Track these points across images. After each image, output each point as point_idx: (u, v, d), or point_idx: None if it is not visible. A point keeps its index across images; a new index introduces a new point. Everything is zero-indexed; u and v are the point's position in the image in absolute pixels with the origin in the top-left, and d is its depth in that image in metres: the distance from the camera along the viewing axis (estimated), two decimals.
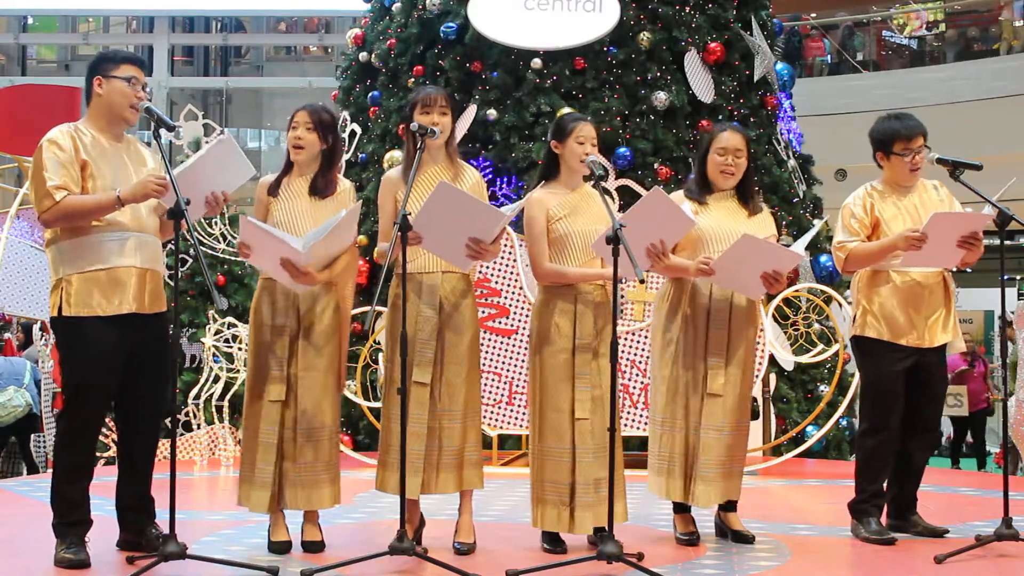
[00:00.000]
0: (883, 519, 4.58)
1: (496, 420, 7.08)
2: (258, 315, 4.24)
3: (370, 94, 8.96)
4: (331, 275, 4.19)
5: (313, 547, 4.17)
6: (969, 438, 13.05)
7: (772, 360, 7.23)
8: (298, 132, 4.26)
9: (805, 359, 7.30)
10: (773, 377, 7.76)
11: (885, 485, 4.62)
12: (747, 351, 4.42)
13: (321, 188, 4.27)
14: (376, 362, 7.42)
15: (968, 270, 4.71)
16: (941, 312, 4.57)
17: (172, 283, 3.90)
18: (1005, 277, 4.52)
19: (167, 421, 4.24)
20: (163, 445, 6.91)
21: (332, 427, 4.26)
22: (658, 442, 4.41)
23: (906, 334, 4.52)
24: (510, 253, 7.12)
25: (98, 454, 7.24)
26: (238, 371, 7.79)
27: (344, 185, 4.37)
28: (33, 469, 8.54)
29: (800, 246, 4.36)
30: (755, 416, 7.33)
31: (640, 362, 6.96)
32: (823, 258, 8.33)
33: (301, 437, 4.17)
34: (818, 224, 4.86)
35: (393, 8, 8.94)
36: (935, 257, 4.43)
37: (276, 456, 4.15)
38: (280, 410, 4.16)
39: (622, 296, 6.91)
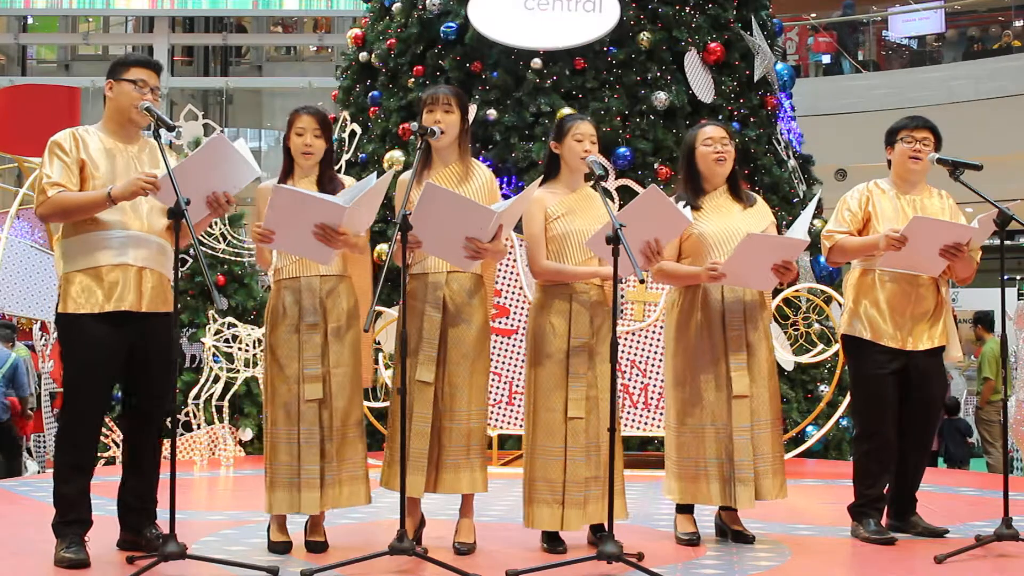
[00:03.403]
0: (883, 520, 4.59)
1: (496, 420, 7.08)
2: (283, 316, 4.18)
3: (370, 94, 8.95)
4: (357, 244, 4.14)
5: (317, 547, 4.17)
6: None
7: None
8: (307, 139, 4.24)
9: (805, 359, 7.30)
10: None
11: (885, 488, 4.62)
12: (767, 346, 4.42)
13: (330, 187, 4.26)
14: (376, 362, 7.42)
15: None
16: (929, 315, 4.57)
17: (172, 283, 3.91)
18: (1005, 277, 4.52)
19: (167, 421, 4.24)
20: (163, 445, 6.92)
21: (361, 423, 4.27)
22: (678, 448, 4.37)
23: (887, 335, 4.52)
24: (510, 253, 7.13)
25: (98, 454, 7.26)
26: (238, 371, 7.78)
27: (348, 182, 4.37)
28: (16, 472, 8.46)
29: (801, 232, 4.35)
30: None
31: (640, 362, 6.96)
32: (823, 258, 8.33)
33: (338, 435, 4.16)
34: (812, 205, 4.86)
35: (393, 8, 8.94)
36: (918, 262, 4.44)
37: (320, 456, 4.13)
38: (318, 409, 4.15)
39: (622, 296, 6.92)
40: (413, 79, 8.56)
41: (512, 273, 7.14)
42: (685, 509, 4.46)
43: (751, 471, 4.28)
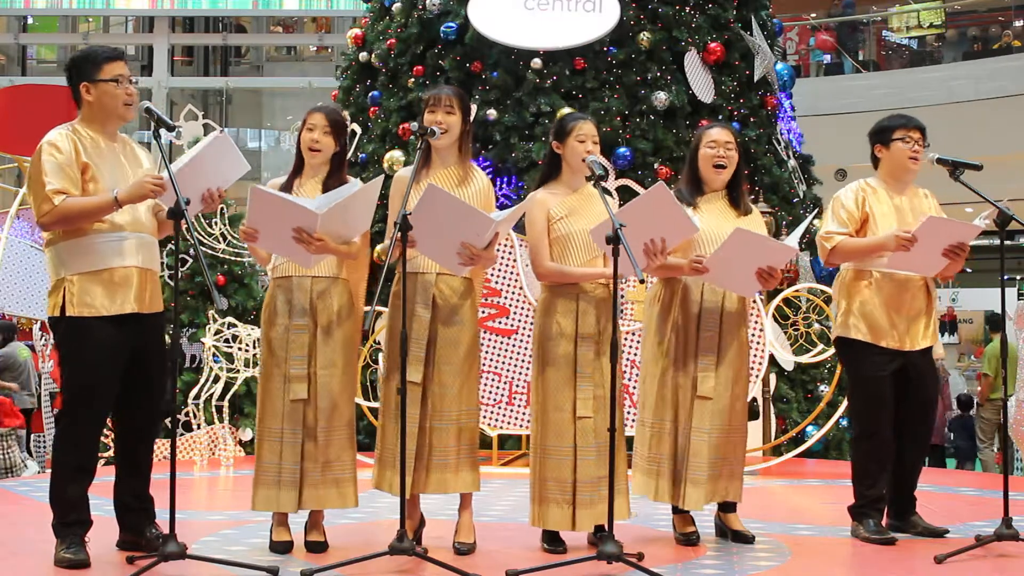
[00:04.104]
0: (883, 520, 4.58)
1: (496, 420, 7.08)
2: (274, 314, 4.20)
3: (370, 94, 8.96)
4: (348, 251, 4.15)
5: (317, 547, 4.17)
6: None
7: (772, 360, 7.23)
8: (315, 135, 4.24)
9: (805, 359, 7.30)
10: (773, 377, 7.76)
11: (884, 489, 4.62)
12: (739, 353, 4.40)
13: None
14: (376, 362, 7.42)
15: (967, 269, 4.72)
16: (923, 315, 4.58)
17: (172, 283, 3.91)
18: (1005, 277, 4.52)
19: (167, 421, 4.25)
20: (163, 445, 6.92)
21: (351, 425, 4.26)
22: (647, 444, 4.40)
23: (887, 336, 4.52)
24: (510, 253, 7.12)
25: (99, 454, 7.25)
26: (238, 371, 7.79)
27: (357, 186, 4.36)
28: None
29: (793, 239, 4.36)
30: (755, 416, 7.33)
31: (640, 362, 6.95)
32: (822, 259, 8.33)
33: (323, 436, 4.16)
34: (810, 217, 4.85)
35: (393, 8, 8.94)
36: (920, 263, 4.43)
37: (300, 456, 4.13)
38: (302, 409, 4.15)
39: (622, 296, 6.92)
40: (413, 79, 8.56)
41: (512, 273, 7.13)
42: (682, 509, 4.46)
43: (704, 472, 4.28)
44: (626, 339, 6.95)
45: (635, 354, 6.99)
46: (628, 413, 6.87)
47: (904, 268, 4.48)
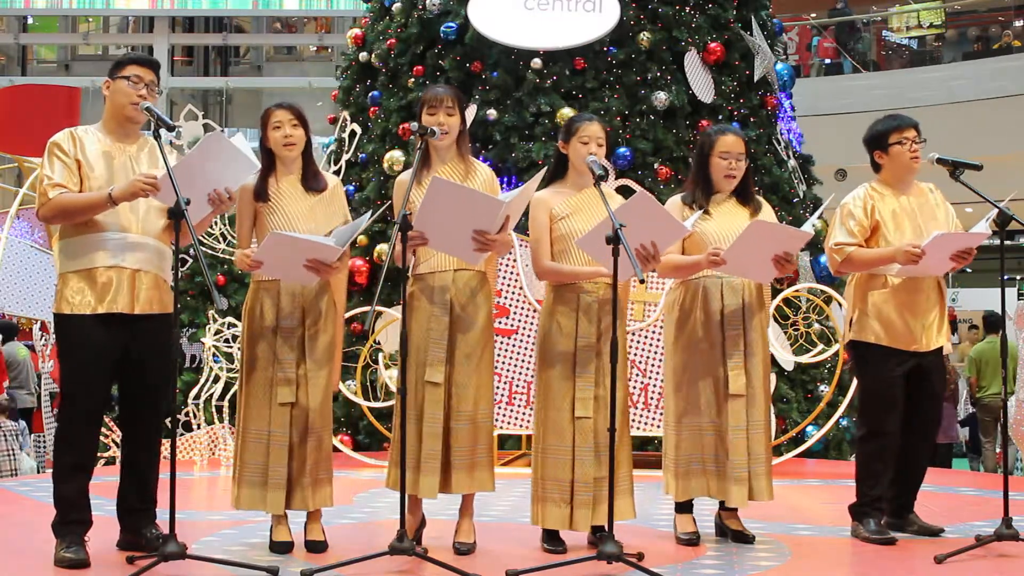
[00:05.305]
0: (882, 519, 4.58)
1: (496, 420, 7.07)
2: (260, 318, 4.20)
3: (370, 94, 8.95)
4: (342, 266, 4.20)
5: (317, 547, 4.17)
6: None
7: (772, 360, 7.22)
8: (286, 130, 4.23)
9: (805, 359, 7.30)
10: (773, 377, 7.75)
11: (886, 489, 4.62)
12: (764, 347, 4.44)
13: (314, 183, 4.26)
14: (376, 362, 7.42)
15: (967, 269, 4.73)
16: (936, 314, 4.58)
17: (172, 283, 3.91)
18: (1005, 277, 4.53)
19: (167, 421, 4.25)
20: (163, 445, 6.92)
21: (329, 425, 4.28)
22: (676, 446, 4.40)
23: (905, 338, 4.52)
24: (510, 253, 7.12)
25: (98, 454, 7.25)
26: (238, 371, 7.78)
27: (332, 180, 4.37)
28: None
29: (808, 225, 4.37)
30: None
31: (640, 362, 6.95)
32: (823, 258, 8.32)
33: (312, 438, 4.16)
34: (826, 203, 4.84)
35: (393, 8, 8.94)
36: (928, 268, 4.45)
37: (288, 457, 4.13)
38: (289, 412, 4.15)
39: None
40: (413, 79, 8.55)
41: (512, 273, 7.13)
42: (685, 509, 4.47)
43: (745, 470, 4.29)
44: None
45: (635, 354, 6.99)
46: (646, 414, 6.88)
47: (913, 274, 4.49)
